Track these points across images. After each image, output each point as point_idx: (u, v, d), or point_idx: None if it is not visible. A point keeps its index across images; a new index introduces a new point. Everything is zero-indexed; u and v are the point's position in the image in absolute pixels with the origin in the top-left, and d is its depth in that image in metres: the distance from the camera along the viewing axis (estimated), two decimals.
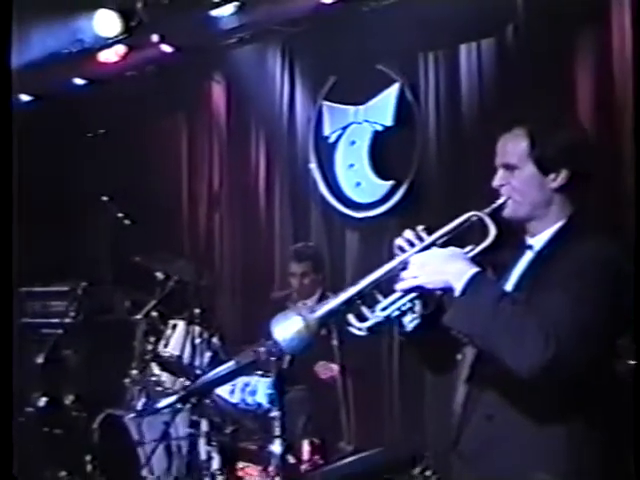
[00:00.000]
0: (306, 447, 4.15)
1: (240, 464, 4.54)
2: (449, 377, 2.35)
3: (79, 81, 6.87)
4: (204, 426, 4.56)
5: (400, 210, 5.58)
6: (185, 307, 4.74)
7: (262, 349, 2.63)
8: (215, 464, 4.42)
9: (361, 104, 5.79)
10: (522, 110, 4.47)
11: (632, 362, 2.47)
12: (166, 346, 4.68)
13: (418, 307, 2.25)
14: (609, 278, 2.00)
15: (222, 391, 4.67)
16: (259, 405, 4.44)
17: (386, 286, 2.19)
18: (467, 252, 2.15)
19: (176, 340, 4.66)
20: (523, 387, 2.02)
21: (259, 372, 4.77)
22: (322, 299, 5.21)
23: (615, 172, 3.47)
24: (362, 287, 2.14)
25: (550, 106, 4.52)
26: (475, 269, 2.05)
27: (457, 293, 2.04)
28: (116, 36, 6.46)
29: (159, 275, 5.05)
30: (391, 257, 6.23)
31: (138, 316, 4.82)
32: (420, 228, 2.21)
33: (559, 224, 2.19)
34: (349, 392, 4.59)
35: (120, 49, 6.57)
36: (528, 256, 2.23)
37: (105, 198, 5.31)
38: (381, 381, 5.53)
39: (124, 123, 6.95)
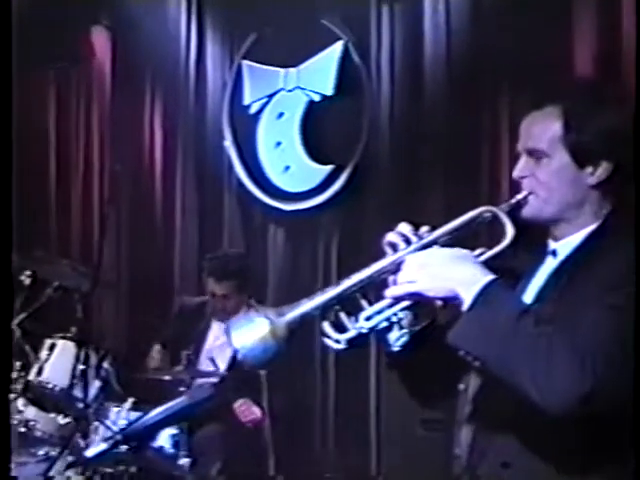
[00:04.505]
0: None
1: None
2: (447, 413, 2.38)
3: None
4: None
5: (340, 202, 5.63)
6: (67, 322, 4.66)
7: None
8: None
9: (293, 66, 5.79)
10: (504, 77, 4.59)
11: None
12: (40, 373, 4.57)
13: (407, 320, 2.26)
14: None
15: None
16: (160, 449, 4.43)
17: (373, 291, 2.19)
18: (477, 255, 2.17)
19: (53, 366, 4.56)
20: (544, 428, 2.05)
21: None
22: None
23: None
24: (342, 289, 2.11)
25: (533, 72, 4.64)
26: (489, 276, 2.06)
27: (466, 305, 2.04)
28: None
29: (25, 279, 4.94)
30: (327, 259, 6.22)
31: None
32: (424, 228, 2.21)
33: (592, 227, 2.20)
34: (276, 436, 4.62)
35: None
36: (550, 264, 2.25)
37: None
38: (314, 422, 5.56)
39: None
